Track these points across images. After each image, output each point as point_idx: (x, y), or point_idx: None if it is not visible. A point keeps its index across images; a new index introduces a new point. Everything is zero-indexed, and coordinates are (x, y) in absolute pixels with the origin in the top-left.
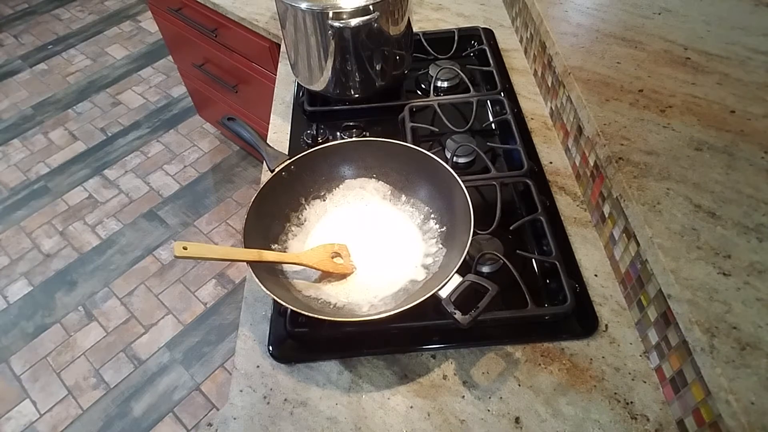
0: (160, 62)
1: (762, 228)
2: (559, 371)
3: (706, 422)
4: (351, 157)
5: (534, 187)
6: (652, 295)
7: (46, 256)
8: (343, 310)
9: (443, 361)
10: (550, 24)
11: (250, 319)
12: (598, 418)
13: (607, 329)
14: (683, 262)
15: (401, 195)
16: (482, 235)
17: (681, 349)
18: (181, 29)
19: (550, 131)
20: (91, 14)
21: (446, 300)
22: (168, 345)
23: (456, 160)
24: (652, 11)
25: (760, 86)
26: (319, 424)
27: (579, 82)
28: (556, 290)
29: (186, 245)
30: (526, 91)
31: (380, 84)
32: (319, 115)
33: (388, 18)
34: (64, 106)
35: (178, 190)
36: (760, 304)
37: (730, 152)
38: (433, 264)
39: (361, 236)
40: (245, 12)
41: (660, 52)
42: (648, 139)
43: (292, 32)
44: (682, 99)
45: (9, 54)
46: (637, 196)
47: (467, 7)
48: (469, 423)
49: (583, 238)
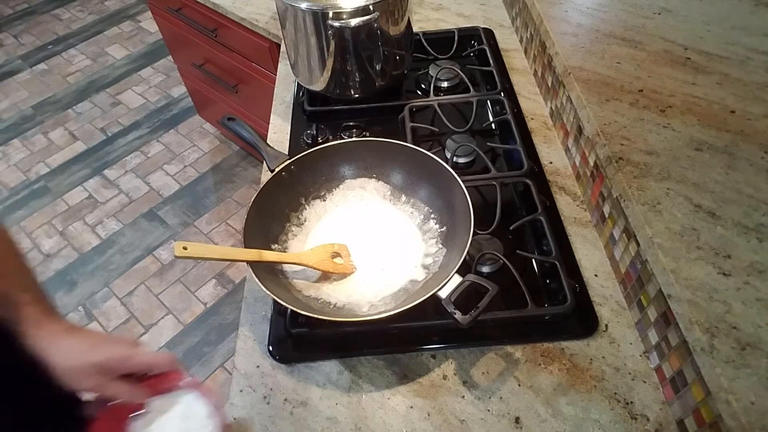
0: (160, 62)
1: (762, 228)
2: (559, 371)
3: (706, 422)
4: (351, 157)
5: (534, 187)
6: (652, 295)
7: (46, 256)
8: (343, 310)
9: (443, 361)
10: (550, 24)
11: (250, 319)
12: (598, 418)
13: (607, 329)
14: (683, 262)
15: (401, 195)
16: (482, 235)
17: (681, 349)
18: (181, 29)
19: (550, 131)
20: (91, 14)
21: (446, 300)
22: (168, 345)
23: (456, 160)
24: (652, 11)
25: (760, 86)
26: (319, 424)
27: (579, 82)
28: (556, 290)
29: (186, 245)
30: (526, 91)
31: (380, 84)
32: (319, 115)
33: (388, 18)
34: (64, 106)
35: (178, 190)
36: (760, 304)
37: (730, 152)
38: (433, 264)
39: (361, 236)
40: (245, 12)
41: (660, 52)
42: (648, 139)
43: (292, 32)
44: (682, 99)
45: (9, 54)
46: (637, 196)
47: (467, 7)
48: (469, 423)
49: (583, 238)
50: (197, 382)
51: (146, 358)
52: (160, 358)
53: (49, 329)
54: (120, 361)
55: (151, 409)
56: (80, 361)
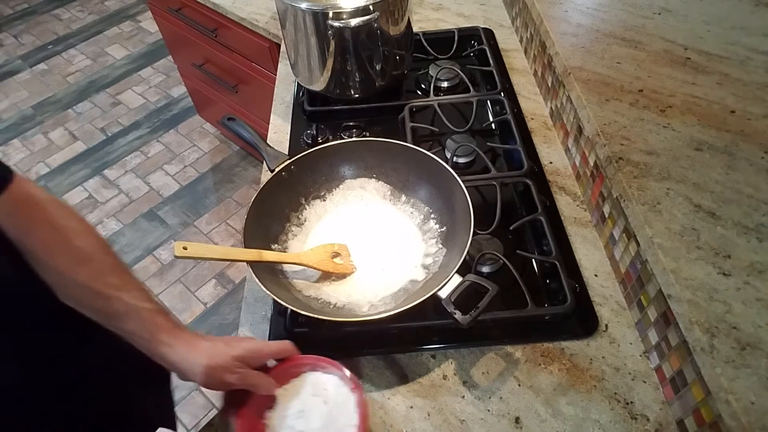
0: (160, 62)
1: (762, 228)
2: (559, 371)
3: (706, 422)
4: (351, 157)
5: (534, 187)
6: (652, 295)
7: None
8: (343, 310)
9: (443, 361)
10: (550, 24)
11: (250, 319)
12: (598, 418)
13: (607, 329)
14: (683, 262)
15: (401, 195)
16: (482, 235)
17: (681, 349)
18: (181, 29)
19: (550, 131)
20: (91, 14)
21: (446, 300)
22: None
23: (456, 160)
24: (652, 11)
25: (760, 86)
26: None
27: (579, 82)
28: (556, 290)
29: (186, 245)
30: (526, 91)
31: (380, 84)
32: (319, 115)
33: (388, 18)
34: (64, 106)
35: (178, 190)
36: (760, 304)
37: (730, 152)
38: (433, 264)
39: (361, 236)
40: (245, 12)
41: (660, 52)
42: (648, 139)
43: (292, 32)
44: (682, 99)
45: (9, 54)
46: (637, 196)
47: (467, 7)
48: (469, 423)
49: (583, 238)
50: (321, 360)
51: (275, 347)
52: (285, 344)
53: (183, 335)
54: (256, 352)
55: (284, 397)
56: (225, 357)
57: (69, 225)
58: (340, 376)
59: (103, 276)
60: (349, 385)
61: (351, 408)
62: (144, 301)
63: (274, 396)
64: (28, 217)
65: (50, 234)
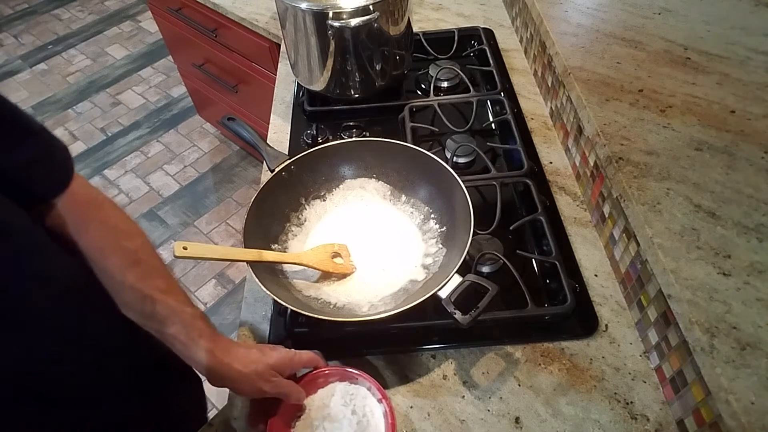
0: (160, 62)
1: (762, 228)
2: (559, 371)
3: (706, 422)
4: (351, 157)
5: (534, 187)
6: (652, 295)
7: None
8: (343, 310)
9: (443, 361)
10: (550, 24)
11: (250, 319)
12: (598, 418)
13: (607, 329)
14: (683, 262)
15: (401, 195)
16: (482, 235)
17: (681, 349)
18: (181, 29)
19: (550, 131)
20: (91, 14)
21: (446, 300)
22: None
23: (456, 160)
24: (652, 11)
25: (760, 86)
26: None
27: (579, 82)
28: (556, 290)
29: (186, 245)
30: (526, 91)
31: (380, 84)
32: (319, 115)
33: (388, 18)
34: (64, 106)
35: (178, 190)
36: (760, 304)
37: (730, 152)
38: (433, 264)
39: (361, 236)
40: (245, 12)
41: (660, 52)
42: (648, 139)
43: (292, 32)
44: (682, 99)
45: (9, 54)
46: (637, 196)
47: (467, 7)
48: (469, 423)
49: (583, 238)
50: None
51: (305, 357)
52: (314, 354)
53: (221, 341)
54: (289, 360)
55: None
56: (260, 364)
57: (119, 226)
58: (368, 387)
59: (150, 278)
60: (376, 396)
61: (379, 418)
62: (186, 305)
63: (303, 405)
64: (84, 216)
65: (103, 234)
